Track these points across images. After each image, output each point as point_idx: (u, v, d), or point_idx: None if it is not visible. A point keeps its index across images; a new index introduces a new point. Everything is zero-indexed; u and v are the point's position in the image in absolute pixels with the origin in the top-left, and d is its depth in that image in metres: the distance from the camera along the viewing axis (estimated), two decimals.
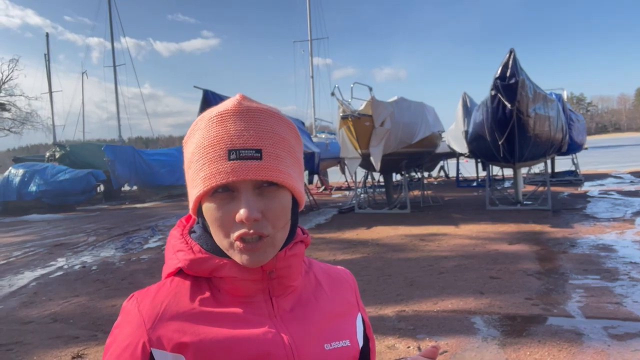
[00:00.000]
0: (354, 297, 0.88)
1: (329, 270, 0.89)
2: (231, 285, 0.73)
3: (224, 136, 0.68)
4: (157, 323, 0.70)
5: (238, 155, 0.67)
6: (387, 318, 4.26)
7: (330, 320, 0.80)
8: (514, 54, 8.83)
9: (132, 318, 0.72)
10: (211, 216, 0.69)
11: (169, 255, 0.78)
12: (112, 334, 0.74)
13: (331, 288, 0.85)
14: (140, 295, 0.74)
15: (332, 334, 0.78)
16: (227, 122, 0.68)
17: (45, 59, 33.44)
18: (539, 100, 9.41)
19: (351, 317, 0.84)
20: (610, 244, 6.60)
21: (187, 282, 0.75)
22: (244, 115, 0.69)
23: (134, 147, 23.08)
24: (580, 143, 16.41)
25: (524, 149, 9.69)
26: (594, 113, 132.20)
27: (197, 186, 0.69)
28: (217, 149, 0.68)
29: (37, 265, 7.63)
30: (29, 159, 25.45)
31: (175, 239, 0.78)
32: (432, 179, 21.62)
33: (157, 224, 11.99)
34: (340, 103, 10.20)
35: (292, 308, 0.77)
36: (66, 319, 4.80)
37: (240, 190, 0.68)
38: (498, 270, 5.62)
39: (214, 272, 0.73)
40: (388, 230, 8.87)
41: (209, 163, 0.68)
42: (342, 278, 0.89)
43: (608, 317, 3.96)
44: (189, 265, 0.73)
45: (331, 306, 0.82)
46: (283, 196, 0.70)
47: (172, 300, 0.72)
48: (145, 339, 0.69)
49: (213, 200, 0.69)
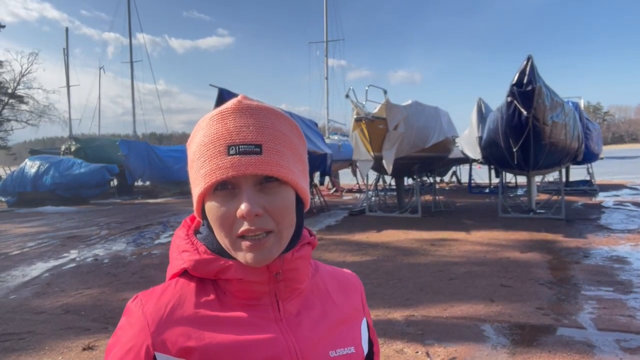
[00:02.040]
0: (360, 302, 0.87)
1: (336, 273, 0.88)
2: (237, 287, 0.72)
3: (223, 133, 0.68)
4: (161, 326, 0.69)
5: (237, 150, 0.66)
6: (395, 322, 4.25)
7: (336, 326, 0.78)
8: (532, 60, 8.74)
9: (136, 320, 0.70)
10: (213, 215, 0.68)
11: (173, 255, 0.76)
12: (115, 335, 0.72)
13: (338, 293, 0.83)
14: (144, 297, 0.73)
15: (338, 340, 0.77)
16: (227, 120, 0.68)
17: (64, 54, 33.95)
18: (556, 108, 9.30)
19: (357, 322, 0.83)
20: (625, 255, 6.50)
21: (192, 284, 0.73)
22: (243, 112, 0.69)
23: (147, 142, 23.30)
24: (596, 152, 16.20)
25: (539, 157, 9.59)
26: (610, 122, 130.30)
27: (199, 184, 0.69)
28: (216, 146, 0.67)
29: (50, 257, 7.73)
30: (45, 151, 25.85)
31: (180, 239, 0.77)
32: (444, 184, 21.50)
33: (169, 219, 12.09)
34: (355, 105, 10.19)
35: (298, 312, 0.75)
36: (78, 310, 4.86)
37: (241, 186, 0.67)
38: (509, 278, 5.57)
39: (220, 273, 0.71)
40: (398, 234, 8.84)
41: (209, 160, 0.67)
42: (349, 282, 0.88)
43: (621, 329, 3.90)
44: (194, 266, 0.72)
45: (337, 312, 0.80)
46: (285, 192, 0.69)
47: (176, 302, 0.71)
48: (149, 342, 0.68)
49: (214, 199, 0.68)
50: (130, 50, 31.66)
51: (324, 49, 31.68)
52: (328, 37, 31.45)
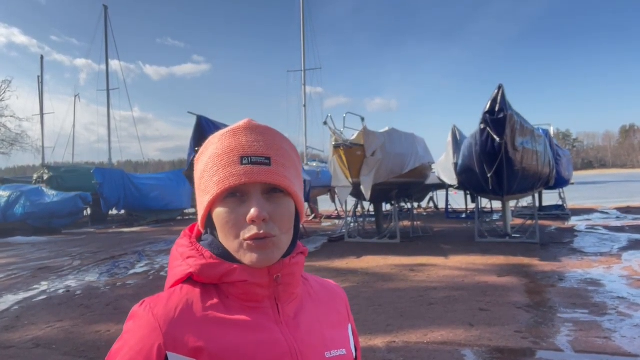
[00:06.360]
0: (345, 309, 0.93)
1: (323, 282, 0.95)
2: (241, 290, 0.76)
3: (236, 146, 0.75)
4: (172, 327, 0.72)
5: (250, 160, 0.73)
6: (377, 349, 4.22)
7: (328, 328, 0.83)
8: (503, 89, 9.06)
9: (146, 322, 0.73)
10: (222, 220, 0.74)
11: (176, 263, 0.79)
12: (121, 339, 0.74)
13: (326, 299, 0.89)
14: (152, 301, 0.76)
15: (331, 342, 0.81)
16: (239, 135, 0.76)
17: (39, 81, 33.52)
18: (527, 134, 9.61)
19: (344, 327, 0.89)
20: (598, 278, 6.65)
21: (197, 289, 0.77)
22: (254, 130, 0.77)
23: (123, 170, 22.96)
24: (567, 178, 16.66)
25: (512, 182, 9.82)
26: (579, 149, 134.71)
27: (210, 191, 0.74)
28: (230, 156, 0.74)
29: (20, 289, 7.46)
30: (16, 180, 25.16)
31: (184, 247, 0.80)
32: (421, 210, 21.70)
33: (144, 248, 11.83)
34: (333, 132, 10.31)
35: (295, 315, 0.80)
36: (49, 344, 4.68)
37: (250, 194, 0.73)
38: (487, 302, 5.61)
39: (225, 277, 0.75)
40: (378, 260, 8.85)
41: (223, 168, 0.74)
42: (334, 291, 0.94)
43: (597, 351, 3.96)
44: (201, 270, 0.75)
45: (328, 315, 0.86)
46: (288, 203, 0.76)
47: (185, 305, 0.74)
48: (161, 342, 0.71)
49: (224, 205, 0.74)
50: (107, 78, 31.43)
51: (302, 77, 32.11)
52: (305, 66, 31.89)
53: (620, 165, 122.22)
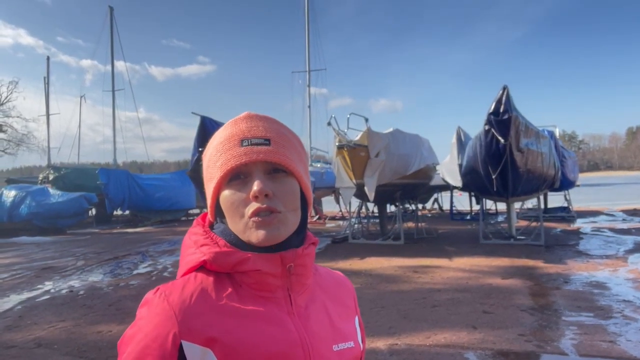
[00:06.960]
0: (353, 301, 0.93)
1: (332, 274, 0.96)
2: (254, 279, 0.76)
3: (237, 132, 0.78)
4: (188, 315, 0.72)
5: (250, 142, 0.76)
6: (379, 351, 4.19)
7: (337, 321, 0.84)
8: (507, 90, 9.01)
9: (161, 310, 0.72)
10: (228, 201, 0.76)
11: (189, 251, 0.79)
12: (135, 326, 0.74)
13: (335, 290, 0.90)
14: (167, 289, 0.75)
15: (339, 335, 0.82)
16: (239, 123, 0.79)
17: (45, 82, 33.74)
18: (532, 136, 9.55)
19: (352, 319, 0.89)
20: (604, 281, 6.58)
21: (211, 277, 0.76)
22: (253, 118, 0.80)
23: (128, 171, 23.04)
24: (572, 180, 16.55)
25: (517, 183, 9.76)
26: (585, 151, 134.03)
27: (215, 176, 0.77)
28: (231, 141, 0.77)
29: (23, 289, 7.48)
30: (22, 180, 25.31)
31: (198, 235, 0.80)
32: (426, 211, 21.63)
33: (147, 249, 11.85)
34: (337, 133, 10.29)
35: (306, 306, 0.81)
36: (50, 344, 4.68)
37: (252, 173, 0.75)
38: (491, 304, 5.57)
39: (238, 265, 0.75)
40: (381, 261, 8.82)
41: (224, 152, 0.76)
42: (344, 282, 0.95)
43: (602, 355, 3.91)
44: (214, 257, 0.75)
45: (337, 308, 0.86)
46: (291, 182, 0.77)
47: (200, 293, 0.74)
48: (177, 330, 0.70)
49: (229, 188, 0.76)
50: (112, 79, 31.65)
51: (306, 78, 32.10)
52: (310, 67, 31.90)
53: (626, 167, 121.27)
